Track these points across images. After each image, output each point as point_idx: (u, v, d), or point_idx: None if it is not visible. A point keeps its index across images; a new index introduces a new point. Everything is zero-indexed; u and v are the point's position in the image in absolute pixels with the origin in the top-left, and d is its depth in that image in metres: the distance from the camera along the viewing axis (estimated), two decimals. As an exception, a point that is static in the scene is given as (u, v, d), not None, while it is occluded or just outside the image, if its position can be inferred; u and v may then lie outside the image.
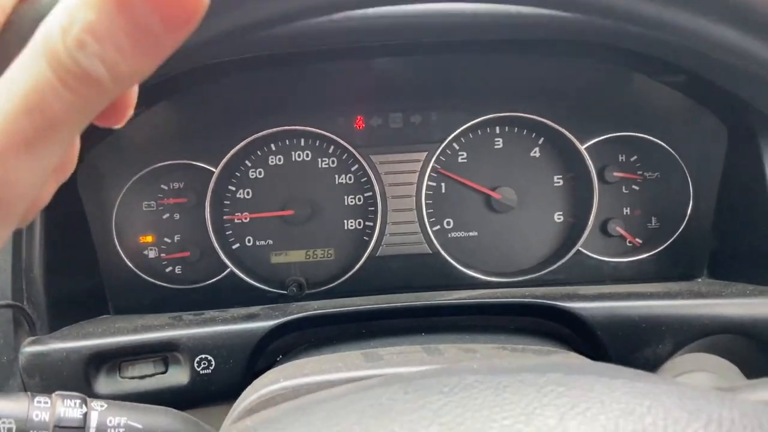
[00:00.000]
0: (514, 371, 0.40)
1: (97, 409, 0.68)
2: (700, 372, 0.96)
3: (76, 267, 1.08)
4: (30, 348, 0.90)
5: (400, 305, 0.98)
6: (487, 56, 1.07)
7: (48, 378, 0.89)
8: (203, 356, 0.92)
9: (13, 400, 0.64)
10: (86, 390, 0.89)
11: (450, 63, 1.10)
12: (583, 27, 0.81)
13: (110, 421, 0.67)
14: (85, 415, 0.66)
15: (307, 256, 1.24)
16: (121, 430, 0.68)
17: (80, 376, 0.90)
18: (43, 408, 0.64)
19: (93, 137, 1.02)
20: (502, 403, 0.36)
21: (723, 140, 1.06)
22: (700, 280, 1.15)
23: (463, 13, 0.78)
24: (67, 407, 0.66)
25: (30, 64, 0.33)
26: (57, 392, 0.67)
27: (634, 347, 0.92)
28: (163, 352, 0.93)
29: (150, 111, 1.06)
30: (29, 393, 0.66)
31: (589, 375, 0.39)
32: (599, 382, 0.38)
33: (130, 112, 0.42)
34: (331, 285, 1.21)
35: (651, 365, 0.93)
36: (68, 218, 1.07)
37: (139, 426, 0.69)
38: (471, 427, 0.35)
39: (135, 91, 0.42)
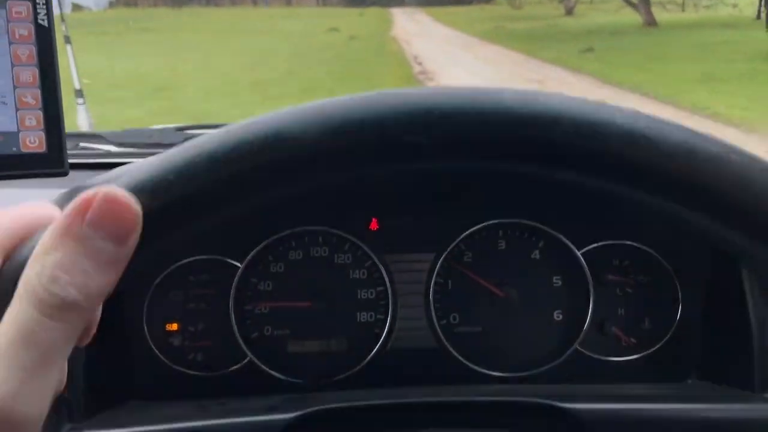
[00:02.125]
0: None
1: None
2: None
3: (112, 354, 1.16)
4: (69, 435, 0.97)
5: (408, 401, 1.06)
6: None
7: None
8: None
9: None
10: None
11: (456, 175, 1.22)
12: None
13: None
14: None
15: (322, 346, 1.32)
16: None
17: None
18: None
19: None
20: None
21: (707, 256, 1.17)
22: (689, 381, 1.23)
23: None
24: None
25: (17, 310, 0.41)
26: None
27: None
28: (190, 440, 1.00)
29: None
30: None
31: None
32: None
33: (93, 330, 0.53)
34: (343, 375, 1.28)
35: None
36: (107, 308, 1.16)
37: None
38: None
39: (98, 312, 0.53)
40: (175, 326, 1.30)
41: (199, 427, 0.98)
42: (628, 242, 1.28)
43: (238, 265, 1.28)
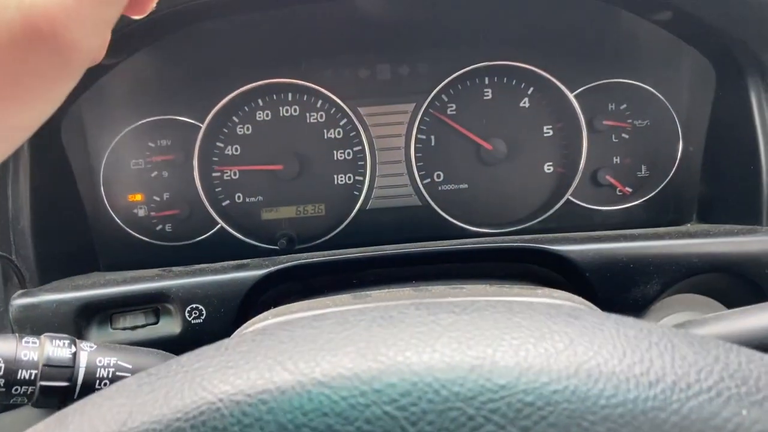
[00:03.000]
0: (526, 303, 0.40)
1: (86, 349, 0.68)
2: (688, 312, 0.97)
3: (64, 222, 1.08)
4: (20, 300, 0.90)
5: (390, 253, 0.98)
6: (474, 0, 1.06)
7: (38, 330, 0.88)
8: (194, 306, 0.92)
9: (1, 340, 0.64)
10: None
11: (437, 8, 1.09)
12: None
13: (99, 361, 0.68)
14: (75, 354, 0.66)
15: (298, 212, 1.24)
16: (111, 369, 0.68)
17: (71, 327, 0.90)
18: (32, 348, 0.65)
19: (76, 88, 1.01)
20: (512, 325, 0.36)
21: (711, 81, 1.06)
22: (689, 225, 1.15)
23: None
24: (56, 347, 0.66)
25: None
26: (46, 333, 0.67)
27: (623, 288, 0.93)
28: (154, 303, 0.93)
29: (131, 61, 1.04)
30: (17, 334, 0.66)
31: (598, 314, 0.39)
32: (609, 319, 0.38)
33: (154, 3, 0.43)
34: (321, 240, 1.21)
35: (639, 306, 0.94)
36: (55, 173, 1.06)
37: (129, 366, 0.69)
38: (480, 342, 0.35)
39: None
40: (138, 197, 1.21)
41: (161, 287, 0.91)
42: (625, 80, 1.16)
43: (200, 125, 1.17)
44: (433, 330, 0.36)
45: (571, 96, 1.17)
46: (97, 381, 0.67)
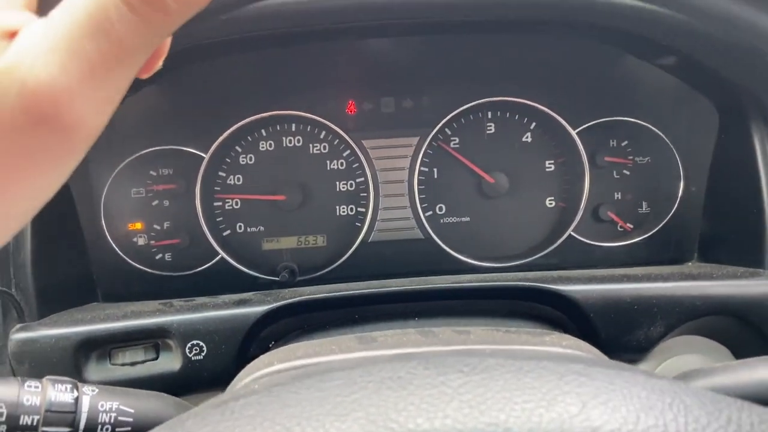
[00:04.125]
0: (534, 358, 0.40)
1: (88, 393, 0.67)
2: (691, 354, 0.97)
3: (64, 254, 1.07)
4: (18, 335, 0.89)
5: (393, 290, 0.98)
6: (479, 38, 1.07)
7: (37, 365, 0.88)
8: (195, 342, 0.91)
9: (3, 384, 0.63)
10: (76, 377, 0.88)
11: (442, 45, 1.10)
12: (575, 5, 0.81)
13: (102, 406, 0.67)
14: (77, 399, 0.65)
15: (299, 243, 1.23)
16: (113, 414, 0.67)
17: (70, 362, 0.88)
18: (34, 392, 0.64)
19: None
20: (523, 387, 0.36)
21: (714, 123, 1.07)
22: (690, 263, 1.15)
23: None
24: (59, 391, 0.65)
25: None
26: (48, 377, 0.66)
27: (626, 329, 0.93)
28: (154, 339, 0.92)
29: (137, 95, 1.04)
30: (20, 378, 0.65)
31: (609, 369, 0.39)
32: (620, 376, 0.37)
33: (160, 62, 0.42)
34: (323, 271, 1.20)
35: (642, 347, 0.94)
36: (56, 204, 1.05)
37: (131, 410, 0.68)
38: (492, 407, 0.34)
39: (168, 41, 0.42)
40: (138, 225, 1.20)
41: (161, 322, 0.90)
42: (627, 118, 1.17)
43: (203, 155, 1.16)
44: (444, 393, 0.35)
45: (573, 132, 1.17)
46: (99, 426, 0.66)
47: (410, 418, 0.34)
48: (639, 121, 1.17)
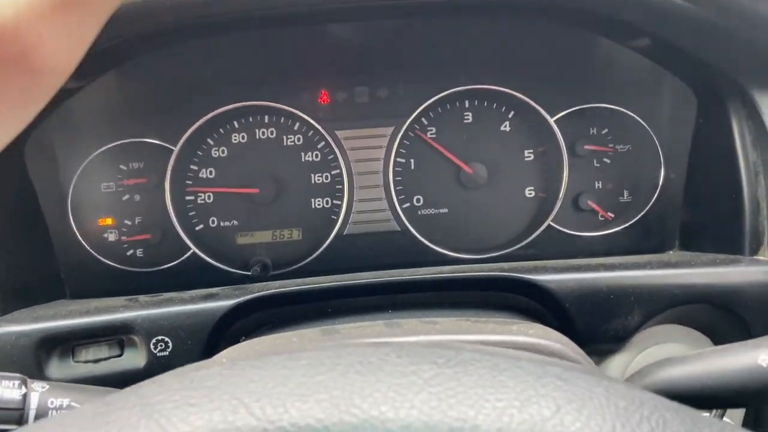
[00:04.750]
0: (512, 358, 0.37)
1: (37, 390, 0.64)
2: (670, 343, 0.95)
3: (29, 250, 1.04)
4: (-23, 332, 0.86)
5: (364, 282, 0.96)
6: (453, 21, 1.04)
7: (-3, 363, 0.85)
8: (160, 338, 0.89)
9: (-55, 381, 0.61)
10: (37, 375, 0.86)
11: (416, 32, 1.07)
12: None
13: (52, 403, 0.64)
14: (25, 395, 0.63)
15: (274, 237, 1.21)
16: (64, 411, 0.65)
17: (31, 360, 0.86)
18: (-21, 389, 0.61)
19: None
20: (497, 384, 0.34)
21: (692, 107, 1.04)
22: (672, 252, 1.13)
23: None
24: (5, 387, 0.62)
25: None
26: (-4, 373, 0.64)
27: (603, 319, 0.91)
28: (118, 335, 0.90)
29: (99, 82, 1.02)
30: (-34, 374, 0.62)
31: (589, 375, 0.37)
32: (599, 384, 0.35)
33: None
34: (297, 265, 1.18)
35: (620, 337, 0.92)
36: (19, 198, 1.03)
37: (83, 407, 0.65)
38: (462, 402, 0.32)
39: None
40: (109, 220, 1.18)
41: (125, 318, 0.88)
42: (606, 105, 1.15)
43: (173, 148, 1.14)
44: (414, 383, 0.34)
45: (551, 120, 1.15)
46: (48, 424, 0.63)
47: (374, 405, 0.32)
48: (618, 108, 1.15)
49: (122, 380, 0.87)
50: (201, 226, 1.20)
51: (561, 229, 1.19)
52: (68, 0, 0.32)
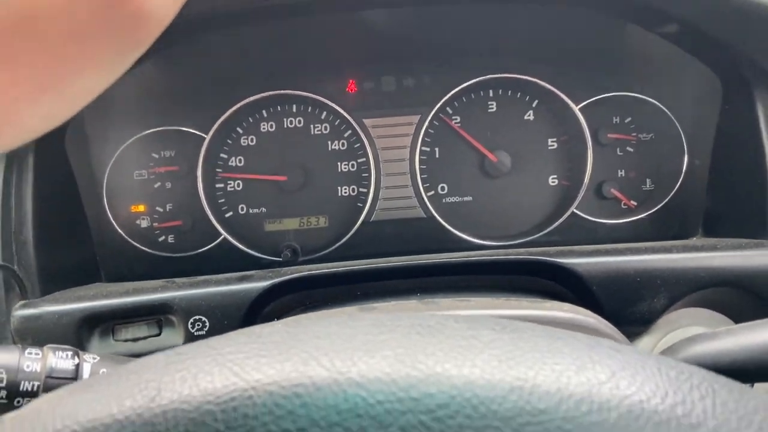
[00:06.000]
0: (565, 332, 0.39)
1: (89, 360, 0.67)
2: (695, 326, 0.96)
3: (67, 234, 1.07)
4: (21, 311, 0.89)
5: (394, 265, 0.98)
6: (478, 11, 1.06)
7: (40, 341, 0.87)
8: (197, 317, 0.91)
9: (3, 351, 0.64)
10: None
11: (441, 17, 1.09)
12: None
13: (103, 372, 0.67)
14: (78, 366, 0.66)
15: (301, 224, 1.23)
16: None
17: (73, 338, 0.89)
18: (35, 359, 0.64)
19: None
20: (554, 350, 0.35)
21: (717, 94, 1.06)
22: (695, 239, 1.15)
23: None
24: (59, 358, 0.65)
25: None
26: (49, 345, 0.67)
27: (630, 302, 0.92)
28: (156, 315, 0.93)
29: (136, 71, 1.04)
30: (20, 345, 0.65)
31: (639, 351, 0.38)
32: (650, 357, 0.37)
33: None
34: (325, 251, 1.20)
35: (646, 319, 0.93)
36: (59, 184, 1.06)
37: (133, 378, 0.68)
38: (521, 363, 0.34)
39: None
40: (141, 207, 1.21)
41: (164, 298, 0.90)
42: (630, 93, 1.16)
43: (204, 136, 1.17)
44: (474, 345, 0.35)
45: (576, 109, 1.17)
46: (101, 393, 0.66)
47: (438, 362, 0.33)
48: (642, 96, 1.16)
49: (162, 358, 0.90)
50: (230, 213, 1.23)
51: (584, 216, 1.20)
52: None
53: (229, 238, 1.18)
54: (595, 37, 1.10)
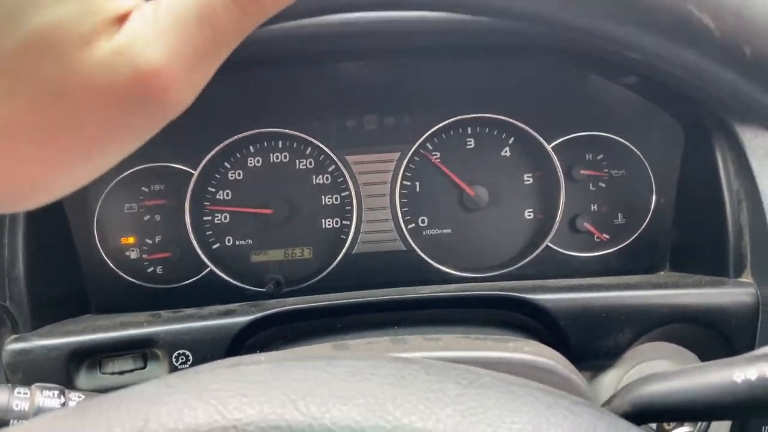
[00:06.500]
0: (526, 386, 0.42)
1: (74, 399, 0.71)
2: (659, 360, 1.00)
3: (58, 268, 1.11)
4: (13, 345, 0.93)
5: (370, 300, 1.02)
6: (455, 59, 1.11)
7: (30, 374, 0.92)
8: (181, 351, 0.95)
9: (-6, 391, 0.67)
10: (67, 385, 0.92)
11: (421, 67, 1.14)
12: (530, 32, 0.86)
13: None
14: (64, 404, 0.69)
15: (286, 255, 1.27)
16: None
17: (62, 371, 0.92)
18: (23, 398, 0.68)
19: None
20: (513, 409, 0.38)
21: (679, 138, 1.11)
22: (662, 273, 1.19)
23: (409, 20, 0.83)
24: (46, 397, 0.69)
25: None
26: (36, 384, 0.70)
27: (597, 336, 0.97)
28: (142, 348, 0.96)
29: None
30: (9, 384, 0.69)
31: (594, 410, 0.41)
32: (602, 419, 0.40)
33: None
34: (308, 283, 1.24)
35: (612, 354, 0.97)
36: (50, 219, 1.10)
37: (117, 415, 0.72)
38: (482, 420, 0.36)
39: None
40: (131, 239, 1.25)
41: (149, 333, 0.94)
42: (600, 133, 1.22)
43: (192, 171, 1.21)
44: (441, 399, 0.38)
45: (548, 147, 1.22)
46: (86, 430, 0.70)
47: (405, 414, 0.36)
48: (612, 136, 1.22)
49: (147, 391, 0.94)
50: (218, 244, 1.27)
51: (558, 249, 1.25)
52: (211, 48, 0.37)
53: (215, 269, 1.22)
54: (563, 84, 1.16)
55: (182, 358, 0.95)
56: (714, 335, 0.96)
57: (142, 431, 0.35)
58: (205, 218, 1.26)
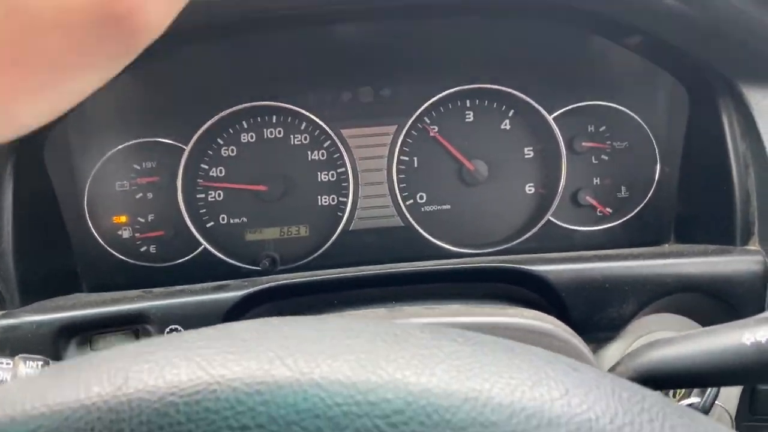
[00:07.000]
0: (526, 347, 0.40)
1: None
2: (663, 332, 0.98)
3: (46, 245, 1.08)
4: (0, 321, 0.90)
5: (368, 273, 0.99)
6: (453, 23, 1.08)
7: (18, 350, 0.88)
8: (173, 327, 0.93)
9: (-26, 361, 0.65)
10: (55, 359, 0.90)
11: (417, 32, 1.11)
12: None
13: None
14: (47, 376, 0.67)
15: (282, 233, 1.25)
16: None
17: (50, 348, 0.90)
18: (5, 368, 0.65)
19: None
20: (511, 365, 0.36)
21: (684, 103, 1.08)
22: (667, 245, 1.16)
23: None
24: (29, 368, 0.67)
25: None
26: (20, 355, 0.68)
27: (599, 308, 0.94)
28: (133, 324, 0.94)
29: (115, 83, 1.06)
30: (-8, 356, 0.66)
31: (596, 370, 0.39)
32: (606, 377, 0.38)
33: None
34: (304, 260, 1.22)
35: (615, 325, 0.95)
36: (38, 195, 1.07)
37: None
38: (478, 375, 0.35)
39: None
40: (123, 218, 1.22)
41: (140, 308, 0.92)
42: (602, 102, 1.18)
43: (184, 147, 1.18)
44: (435, 355, 0.36)
45: (549, 118, 1.19)
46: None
47: (398, 369, 0.34)
48: (614, 105, 1.18)
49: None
50: (211, 222, 1.24)
51: (560, 224, 1.22)
52: None
53: (210, 247, 1.19)
54: (564, 49, 1.13)
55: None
56: (720, 305, 0.93)
57: (121, 389, 0.34)
58: (198, 196, 1.24)
